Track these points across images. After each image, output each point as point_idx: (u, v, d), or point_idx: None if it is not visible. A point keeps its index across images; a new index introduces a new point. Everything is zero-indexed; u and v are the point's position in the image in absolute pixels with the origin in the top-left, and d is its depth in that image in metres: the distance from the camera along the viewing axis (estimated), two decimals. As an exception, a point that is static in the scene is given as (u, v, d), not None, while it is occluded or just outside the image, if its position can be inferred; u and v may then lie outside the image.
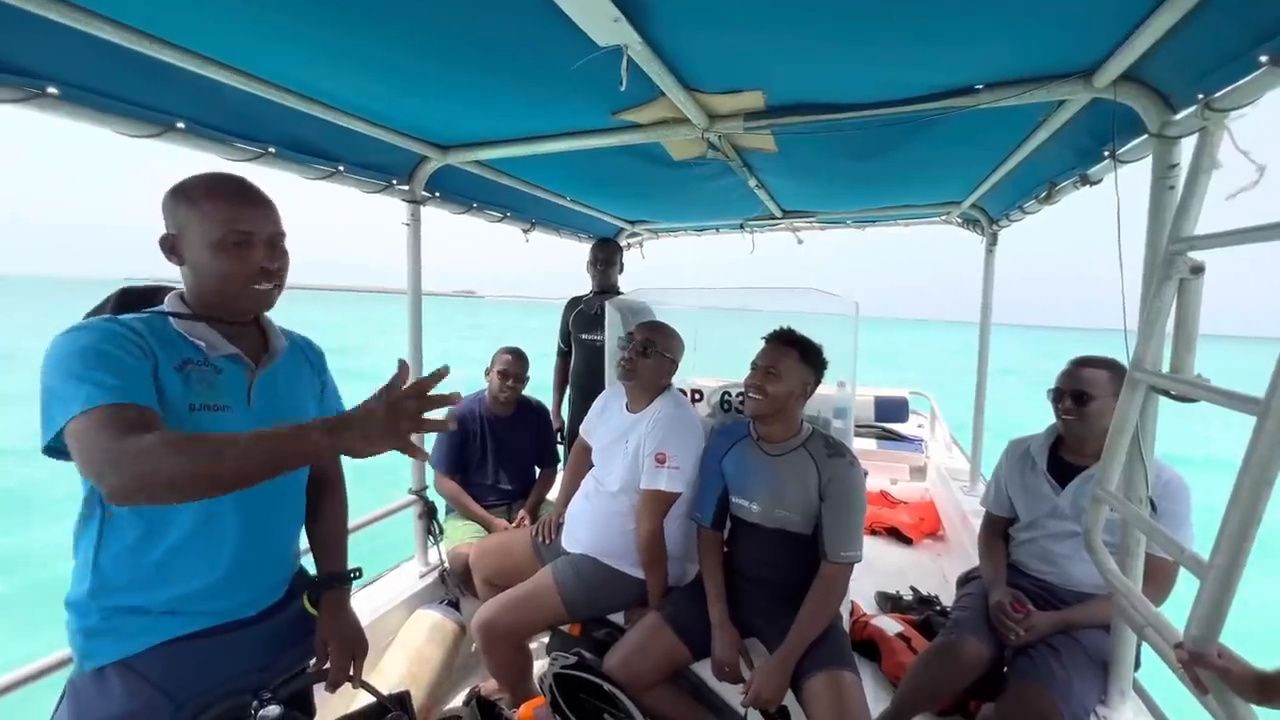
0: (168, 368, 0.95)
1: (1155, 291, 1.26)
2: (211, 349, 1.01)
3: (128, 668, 0.96)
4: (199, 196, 0.97)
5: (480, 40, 1.26)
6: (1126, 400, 1.32)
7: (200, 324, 1.02)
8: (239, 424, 1.00)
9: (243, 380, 1.05)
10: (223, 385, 1.01)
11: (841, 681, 1.44)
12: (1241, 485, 0.90)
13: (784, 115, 1.63)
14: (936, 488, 3.99)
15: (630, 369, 1.91)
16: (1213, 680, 0.95)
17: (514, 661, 1.82)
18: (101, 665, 0.96)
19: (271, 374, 1.10)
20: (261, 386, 1.08)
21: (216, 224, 0.97)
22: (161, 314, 1.01)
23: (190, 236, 0.98)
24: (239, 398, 1.04)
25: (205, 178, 1.00)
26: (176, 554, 0.98)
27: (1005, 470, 1.94)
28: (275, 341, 1.13)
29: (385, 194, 2.14)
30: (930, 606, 2.60)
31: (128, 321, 0.95)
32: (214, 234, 0.97)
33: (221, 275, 0.99)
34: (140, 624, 0.98)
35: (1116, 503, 1.34)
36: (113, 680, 0.95)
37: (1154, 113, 1.32)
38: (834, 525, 1.61)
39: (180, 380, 0.96)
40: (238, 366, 1.05)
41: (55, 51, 1.18)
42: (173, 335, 0.99)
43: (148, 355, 0.93)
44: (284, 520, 1.17)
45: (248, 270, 1.00)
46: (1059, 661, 1.54)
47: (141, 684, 0.96)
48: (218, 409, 0.99)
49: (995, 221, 3.00)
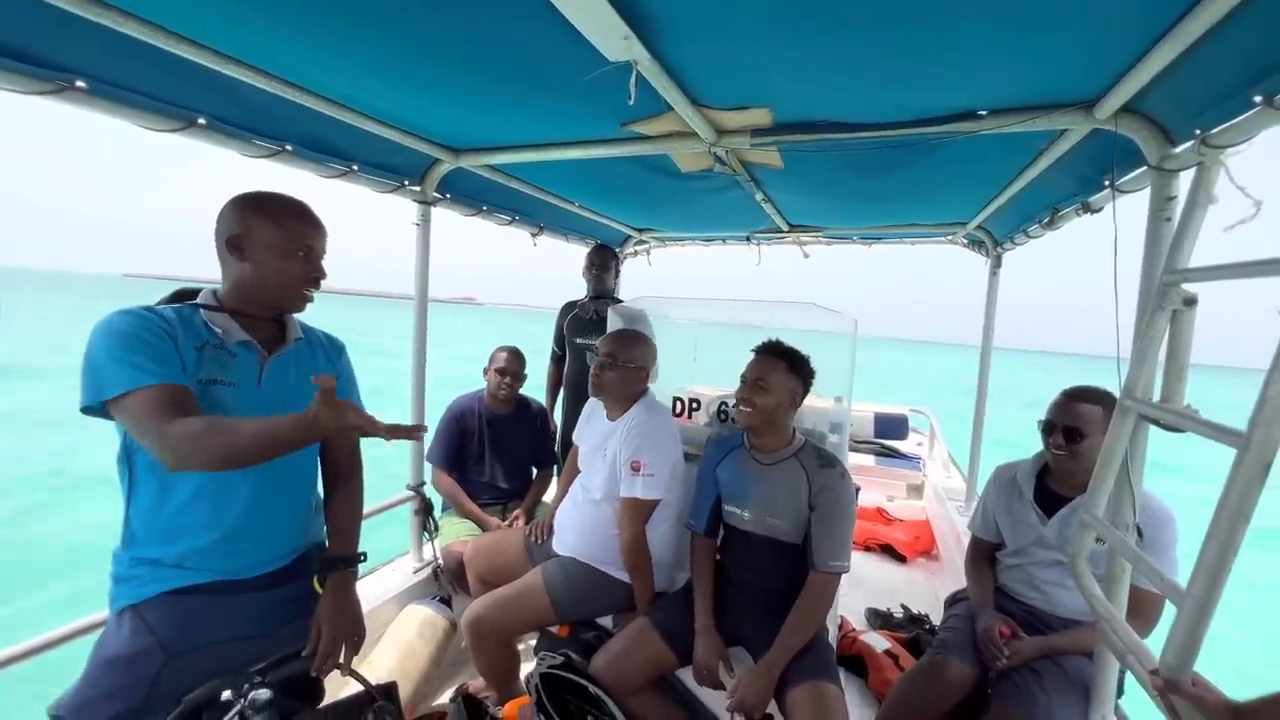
0: (188, 348, 1.10)
1: (1149, 321, 1.28)
2: (228, 335, 1.16)
3: (137, 613, 1.10)
4: (278, 212, 1.17)
5: (495, 50, 1.30)
6: (1117, 428, 1.34)
7: (223, 315, 1.18)
8: (247, 400, 1.15)
9: (254, 364, 1.19)
10: (234, 366, 1.16)
11: (825, 693, 1.45)
12: (1220, 516, 0.91)
13: (790, 132, 1.66)
14: (932, 506, 3.99)
15: (597, 383, 1.92)
16: (1187, 708, 0.96)
17: (501, 660, 1.84)
18: (120, 609, 1.11)
19: (283, 360, 1.24)
20: (272, 371, 1.21)
21: (290, 236, 1.17)
22: (193, 306, 1.18)
23: (260, 241, 1.16)
24: (249, 378, 1.18)
25: (282, 197, 1.19)
26: (184, 512, 1.12)
27: (992, 496, 1.93)
28: (290, 333, 1.28)
29: (397, 194, 2.18)
30: (920, 625, 2.60)
31: (160, 310, 1.12)
32: (288, 244, 1.17)
33: (285, 275, 1.19)
34: (153, 574, 1.12)
35: (1104, 530, 1.35)
36: (125, 623, 1.10)
37: (1153, 145, 1.34)
38: (823, 535, 1.63)
39: (196, 358, 1.11)
40: (250, 352, 1.19)
41: (85, 47, 1.22)
42: (198, 322, 1.15)
43: (172, 338, 1.09)
44: (292, 492, 1.27)
45: (305, 275, 1.21)
46: (1041, 686, 1.54)
47: (144, 629, 1.09)
48: (227, 384, 1.14)
49: (1000, 244, 3.02)
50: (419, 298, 2.35)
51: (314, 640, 1.21)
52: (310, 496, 1.34)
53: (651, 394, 2.01)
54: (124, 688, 1.06)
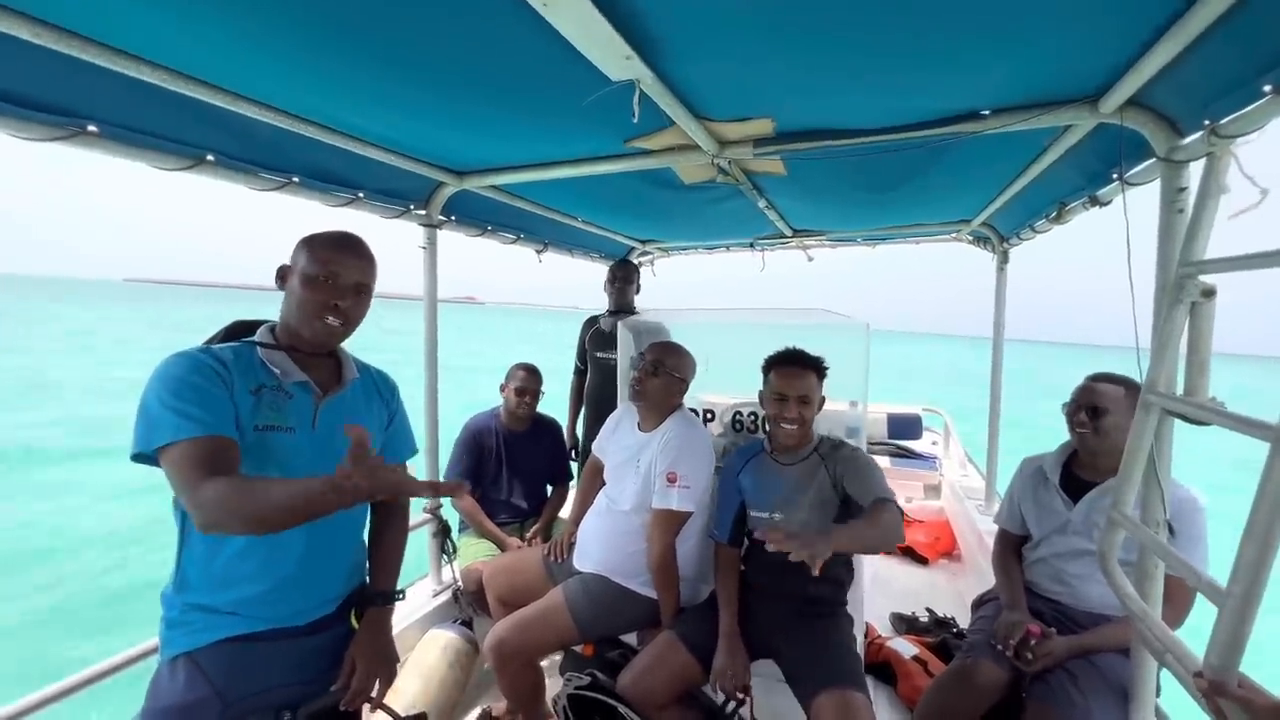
0: (243, 392, 1.09)
1: (1167, 315, 1.26)
2: (285, 376, 1.15)
3: (192, 661, 1.09)
4: (315, 241, 1.17)
5: (497, 73, 1.31)
6: (1141, 423, 1.32)
7: (280, 353, 1.17)
8: (302, 444, 1.13)
9: (310, 405, 1.18)
10: (290, 408, 1.15)
11: (851, 702, 1.43)
12: (1258, 512, 0.89)
13: (793, 141, 1.66)
14: (951, 506, 3.95)
15: (640, 389, 1.93)
16: (1235, 710, 0.93)
17: (525, 681, 1.82)
18: (174, 655, 1.09)
19: (338, 401, 1.23)
20: (327, 412, 1.20)
21: (313, 261, 1.15)
22: (251, 343, 1.17)
23: (295, 269, 1.17)
24: (305, 420, 1.17)
25: (333, 231, 1.20)
26: (240, 560, 1.10)
27: (1018, 487, 1.94)
28: (347, 373, 1.27)
29: (403, 219, 2.19)
30: (946, 629, 2.57)
31: (218, 352, 1.11)
32: (309, 269, 1.15)
33: (301, 302, 1.15)
34: (207, 621, 1.10)
35: (1133, 527, 1.33)
36: (180, 671, 1.08)
37: (1161, 138, 1.33)
38: (857, 486, 1.65)
39: (253, 403, 1.10)
40: (306, 393, 1.18)
41: (96, 92, 1.24)
42: (255, 362, 1.14)
43: (227, 384, 1.07)
44: (345, 539, 1.27)
45: (322, 303, 1.15)
46: (1077, 688, 1.52)
47: (200, 677, 1.08)
48: (283, 429, 1.12)
49: (1006, 240, 3.01)
50: (429, 316, 2.36)
51: (346, 675, 1.20)
52: (360, 540, 1.34)
53: (685, 407, 2.02)
54: None
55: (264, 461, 1.09)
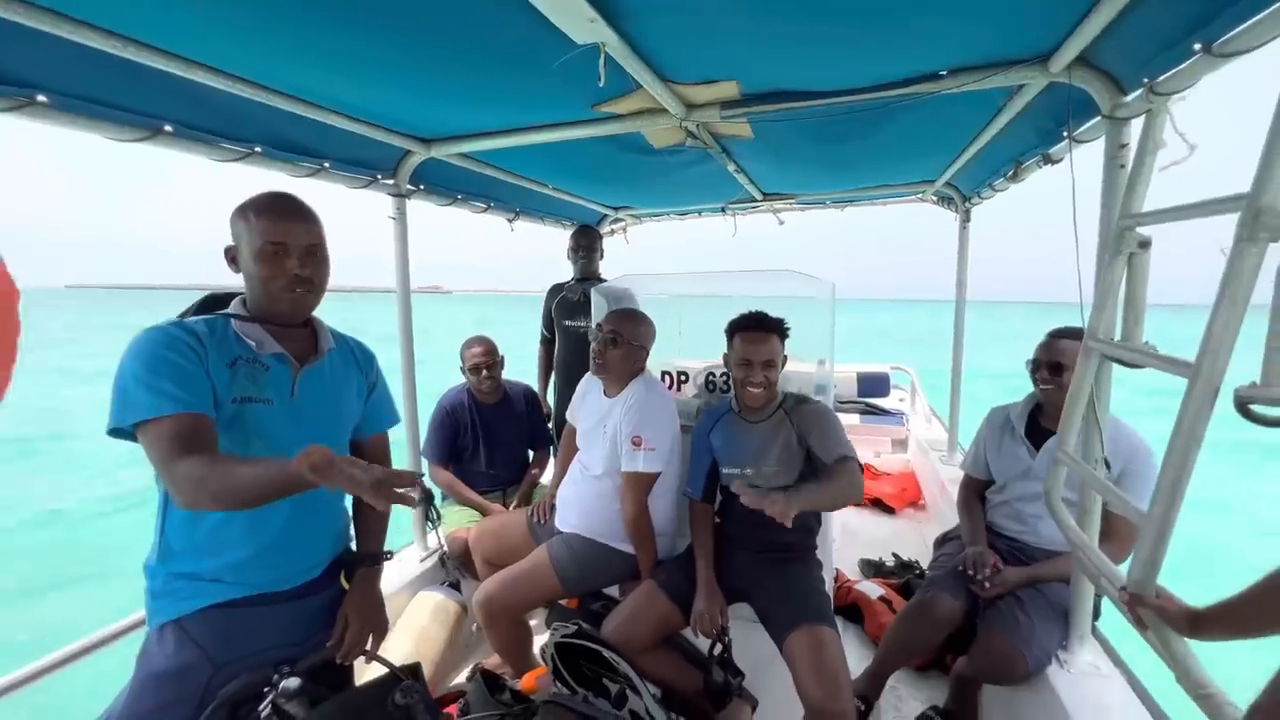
0: (219, 365, 1.08)
1: (1108, 266, 1.35)
2: (261, 347, 1.14)
3: (180, 627, 1.10)
4: (249, 212, 1.12)
5: (461, 38, 1.30)
6: (1082, 368, 1.41)
7: (254, 325, 1.16)
8: (281, 416, 1.14)
9: (287, 376, 1.17)
10: (268, 380, 1.14)
11: (821, 636, 1.54)
12: (1175, 442, 0.99)
13: (758, 103, 1.69)
14: (917, 458, 4.13)
15: (601, 362, 1.96)
16: (1151, 618, 1.05)
17: (514, 636, 1.91)
18: (161, 624, 1.10)
19: (316, 371, 1.22)
20: (305, 382, 1.19)
21: (257, 235, 1.11)
22: (225, 316, 1.15)
23: (241, 247, 1.13)
24: (283, 392, 1.16)
25: (258, 196, 1.14)
26: (223, 527, 1.11)
27: (985, 435, 2.05)
28: (323, 342, 1.26)
29: (371, 189, 2.16)
30: (910, 570, 2.73)
31: (191, 326, 1.10)
32: (255, 244, 1.11)
33: (261, 280, 1.13)
34: (192, 588, 1.11)
35: (1074, 464, 1.44)
36: (168, 637, 1.10)
37: (1105, 95, 1.39)
38: (820, 440, 1.72)
39: (229, 376, 1.09)
40: (283, 364, 1.17)
41: (44, 60, 1.20)
42: (230, 336, 1.13)
43: (202, 359, 1.06)
44: (326, 505, 1.28)
45: (283, 276, 1.13)
46: (1024, 611, 1.66)
47: (188, 643, 1.10)
48: (262, 401, 1.11)
49: (968, 199, 3.09)
50: (401, 291, 2.35)
51: (339, 631, 1.25)
52: (342, 507, 1.36)
53: (649, 371, 2.06)
54: (174, 701, 1.08)
55: (245, 434, 1.09)
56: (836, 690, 1.44)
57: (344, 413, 1.30)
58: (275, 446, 1.12)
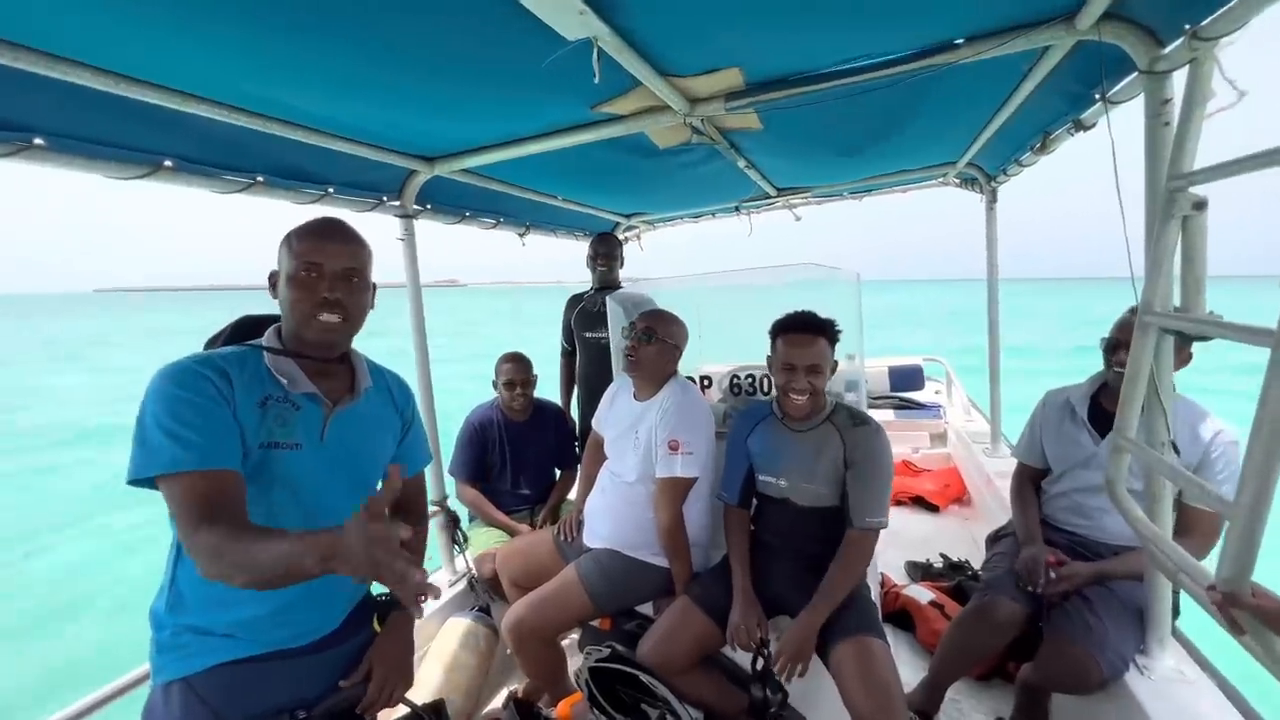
0: (248, 406, 1.01)
1: (1159, 232, 1.23)
2: (293, 385, 1.07)
3: (188, 686, 1.02)
4: (292, 236, 1.08)
5: (452, 49, 1.26)
6: (1139, 345, 1.30)
7: (288, 361, 1.08)
8: (309, 461, 1.06)
9: (318, 417, 1.10)
10: (298, 422, 1.07)
11: (870, 647, 1.44)
12: (1261, 421, 0.87)
13: (765, 91, 1.61)
14: (958, 452, 3.95)
15: (634, 359, 1.90)
16: (1249, 619, 0.93)
17: (546, 659, 1.84)
18: (169, 681, 1.03)
19: (350, 413, 1.15)
20: (336, 425, 1.12)
21: (293, 257, 1.06)
22: (258, 348, 1.08)
23: (281, 272, 1.08)
24: (313, 435, 1.09)
25: (311, 220, 1.10)
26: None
27: (1041, 419, 1.92)
28: (360, 382, 1.18)
29: (377, 211, 2.15)
30: (961, 572, 2.59)
31: (219, 362, 1.02)
32: (290, 267, 1.06)
33: (292, 305, 1.07)
34: (201, 644, 1.04)
35: (1137, 449, 1.32)
36: (174, 697, 1.02)
37: (1141, 49, 1.29)
38: (860, 492, 1.61)
39: (259, 417, 1.02)
40: (315, 404, 1.10)
41: (40, 103, 1.20)
42: (261, 371, 1.06)
43: (228, 400, 0.99)
44: None
45: (312, 300, 1.06)
46: (1094, 613, 1.52)
47: (196, 703, 1.02)
48: (289, 446, 1.05)
49: (993, 178, 2.95)
50: (414, 309, 2.33)
51: (362, 673, 1.17)
52: None
53: (682, 375, 2.00)
54: None
55: (269, 482, 1.03)
56: (888, 702, 1.34)
57: (376, 455, 1.22)
58: (300, 493, 1.07)
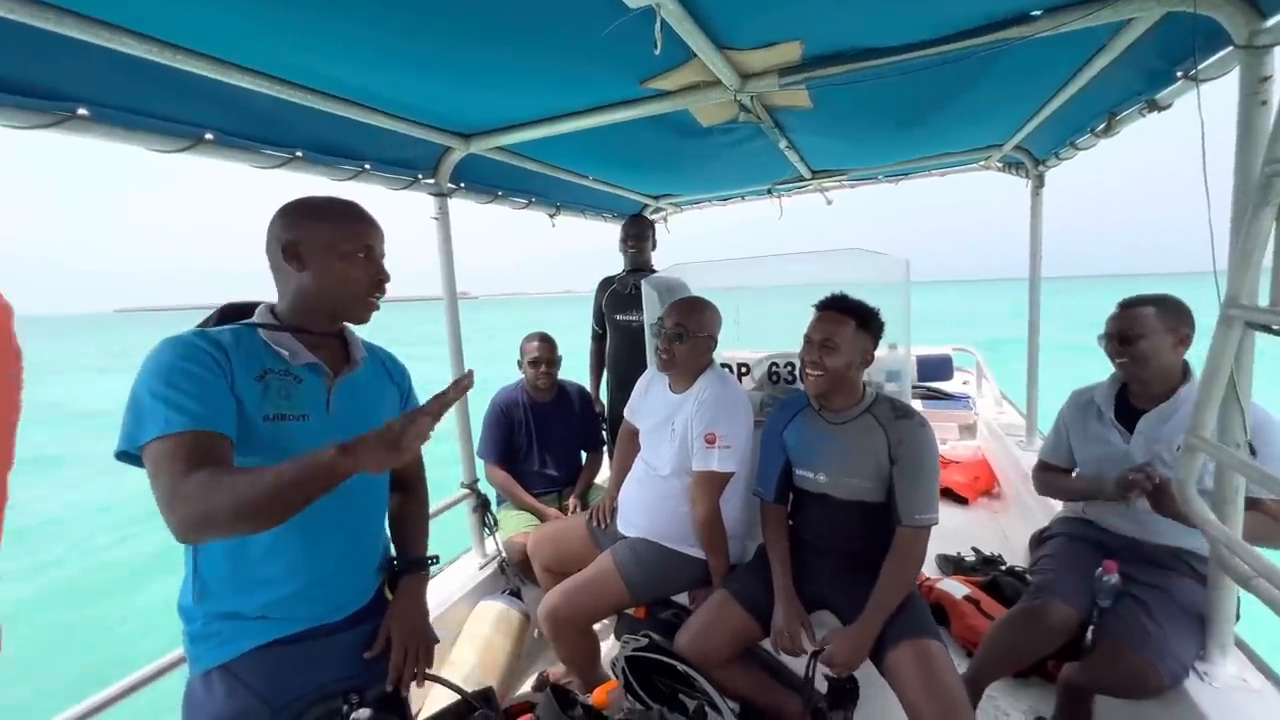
0: (246, 379, 0.99)
1: (1251, 218, 1.15)
2: (294, 358, 1.06)
3: (228, 672, 1.01)
4: (332, 212, 1.07)
5: (504, 16, 1.21)
6: (1221, 340, 1.23)
7: (285, 334, 1.07)
8: (318, 432, 1.04)
9: (322, 388, 1.09)
10: (302, 393, 1.05)
11: (928, 649, 1.39)
12: None
13: (822, 66, 1.54)
14: (988, 444, 3.88)
15: (668, 359, 1.84)
16: None
17: (582, 647, 1.83)
18: (207, 669, 1.01)
19: (351, 382, 1.14)
20: (341, 394, 1.11)
21: (350, 236, 1.06)
22: (251, 325, 1.06)
23: (318, 243, 1.04)
24: (318, 406, 1.07)
25: (332, 198, 1.09)
26: (267, 560, 1.02)
27: (1068, 418, 1.88)
28: (356, 352, 1.17)
29: (412, 189, 2.11)
30: (994, 566, 2.54)
31: (215, 335, 1.00)
32: (347, 244, 1.06)
33: (348, 280, 1.07)
34: (236, 629, 1.02)
35: (1212, 449, 1.25)
36: (216, 685, 1.00)
37: (1240, 21, 1.20)
38: (908, 489, 1.56)
39: (259, 390, 1.00)
40: (317, 375, 1.09)
41: (83, 71, 1.17)
42: (258, 346, 1.04)
43: (225, 372, 0.96)
44: (376, 526, 1.21)
45: (369, 280, 1.09)
46: (1150, 617, 1.47)
47: (240, 688, 1.00)
48: (296, 418, 1.03)
49: (1041, 162, 2.83)
50: (447, 293, 2.30)
51: (380, 644, 1.15)
52: (385, 524, 1.27)
53: (717, 364, 1.95)
54: None
55: (279, 456, 0.97)
56: (954, 707, 1.30)
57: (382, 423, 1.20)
58: None
